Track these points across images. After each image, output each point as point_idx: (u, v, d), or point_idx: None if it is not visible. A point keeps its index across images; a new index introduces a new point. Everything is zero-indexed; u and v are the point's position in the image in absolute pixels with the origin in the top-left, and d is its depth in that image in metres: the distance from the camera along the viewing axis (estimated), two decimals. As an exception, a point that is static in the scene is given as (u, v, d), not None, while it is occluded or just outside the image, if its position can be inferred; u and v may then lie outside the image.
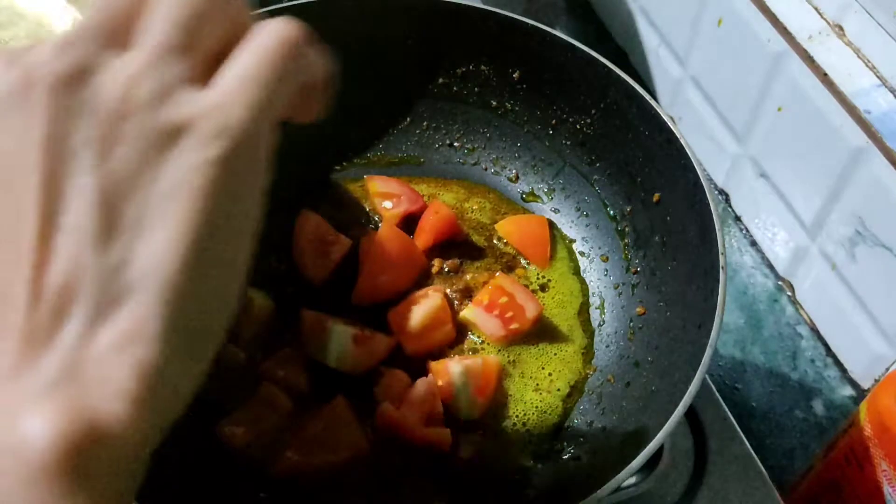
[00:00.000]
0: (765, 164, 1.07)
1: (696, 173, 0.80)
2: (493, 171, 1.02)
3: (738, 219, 1.16)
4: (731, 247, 1.15)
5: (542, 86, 0.96)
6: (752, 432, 1.08)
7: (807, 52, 0.94)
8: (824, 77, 0.92)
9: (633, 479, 0.87)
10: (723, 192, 1.17)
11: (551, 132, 0.98)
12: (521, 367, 0.87)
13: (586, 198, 0.97)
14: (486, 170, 1.02)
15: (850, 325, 0.98)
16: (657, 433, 0.67)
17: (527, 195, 1.01)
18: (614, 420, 0.80)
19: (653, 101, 0.85)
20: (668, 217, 0.85)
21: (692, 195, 0.80)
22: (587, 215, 0.97)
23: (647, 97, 0.85)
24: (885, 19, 0.91)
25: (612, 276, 0.93)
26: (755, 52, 1.02)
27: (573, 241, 0.97)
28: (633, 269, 0.90)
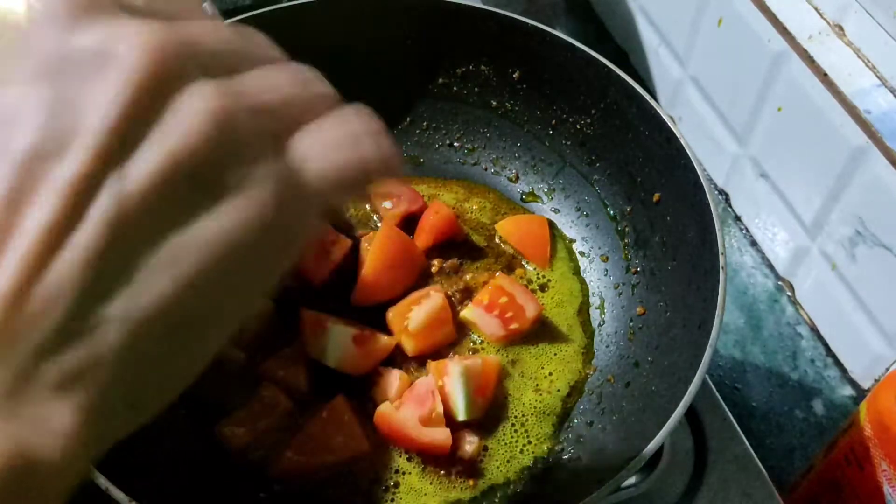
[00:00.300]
0: (765, 164, 1.07)
1: (696, 173, 0.80)
2: (493, 171, 1.02)
3: (738, 219, 1.16)
4: (731, 247, 1.15)
5: (542, 86, 0.96)
6: (752, 432, 1.08)
7: (807, 52, 0.94)
8: (824, 77, 0.92)
9: (633, 479, 0.87)
10: (723, 192, 1.17)
11: (551, 132, 0.98)
12: (521, 366, 0.87)
13: (586, 198, 0.97)
14: (486, 170, 1.02)
15: (850, 325, 0.98)
16: (657, 433, 0.68)
17: (527, 195, 1.01)
18: (614, 420, 0.80)
19: (653, 101, 0.85)
20: (668, 217, 0.85)
21: (692, 195, 0.80)
22: (587, 215, 0.97)
23: (647, 97, 0.85)
24: (885, 19, 0.91)
25: (612, 276, 0.93)
26: (755, 52, 1.02)
27: (573, 241, 0.97)
28: (633, 269, 0.90)
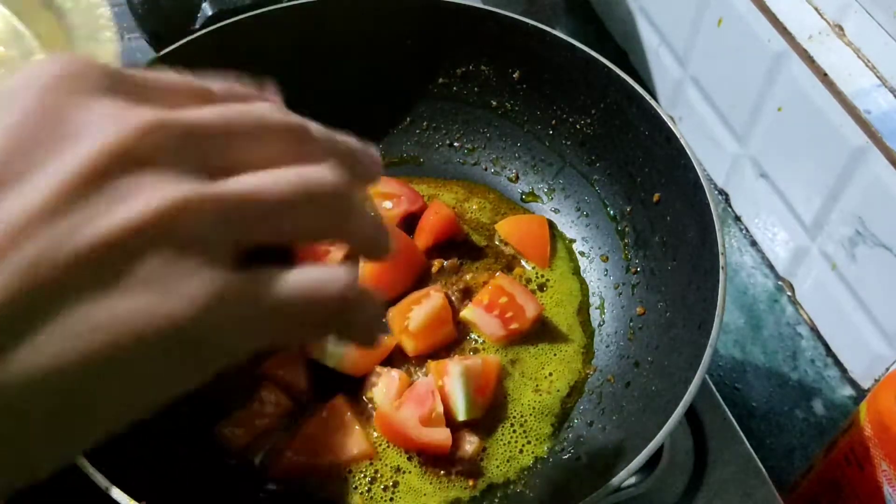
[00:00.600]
0: (765, 164, 1.07)
1: (696, 173, 0.80)
2: (493, 171, 1.02)
3: (738, 219, 1.16)
4: (731, 247, 1.15)
5: (542, 86, 0.96)
6: (752, 432, 1.08)
7: (807, 52, 0.94)
8: (824, 77, 0.92)
9: (633, 479, 0.87)
10: (723, 192, 1.17)
11: (551, 132, 0.98)
12: (521, 366, 0.87)
13: (586, 198, 0.97)
14: (486, 170, 1.02)
15: (850, 325, 0.98)
16: (657, 433, 0.67)
17: (527, 195, 1.01)
18: (614, 420, 0.80)
19: (653, 101, 0.85)
20: (668, 217, 0.85)
21: (692, 195, 0.80)
22: (587, 215, 0.97)
23: (647, 97, 0.85)
24: (885, 19, 0.91)
25: (612, 276, 0.93)
26: (755, 52, 1.01)
27: (573, 241, 0.97)
28: (633, 269, 0.90)
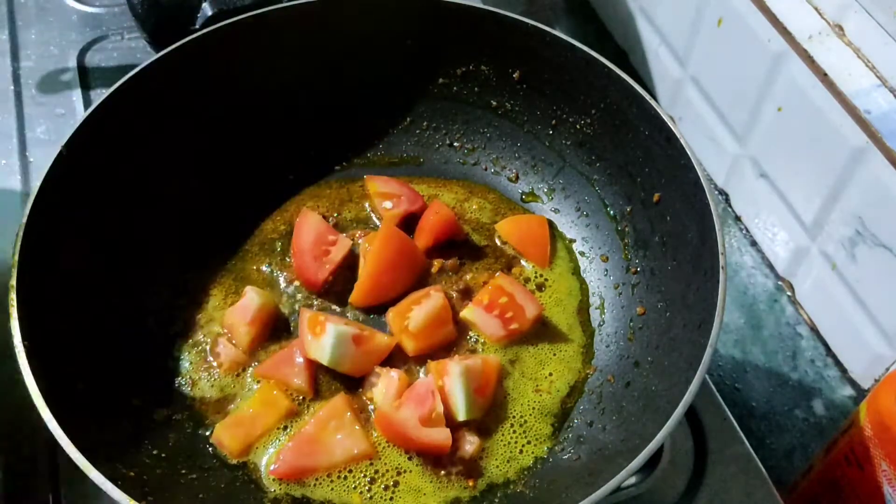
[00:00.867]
0: (765, 164, 1.07)
1: (696, 173, 0.80)
2: (493, 171, 1.02)
3: (738, 219, 1.16)
4: (731, 247, 1.15)
5: (542, 86, 0.96)
6: (752, 432, 1.08)
7: (807, 52, 0.94)
8: (824, 77, 0.92)
9: (633, 479, 0.87)
10: (723, 192, 1.17)
11: (551, 132, 0.98)
12: (521, 366, 0.87)
13: (586, 198, 0.97)
14: (486, 170, 1.02)
15: (850, 325, 0.98)
16: (657, 433, 0.67)
17: (527, 195, 1.01)
18: (614, 420, 0.80)
19: (653, 101, 0.85)
20: (668, 217, 0.85)
21: (692, 195, 0.80)
22: (587, 215, 0.97)
23: (647, 97, 0.85)
24: (885, 19, 0.91)
25: (612, 276, 0.93)
26: (755, 52, 1.02)
27: (573, 241, 0.97)
28: (633, 269, 0.90)
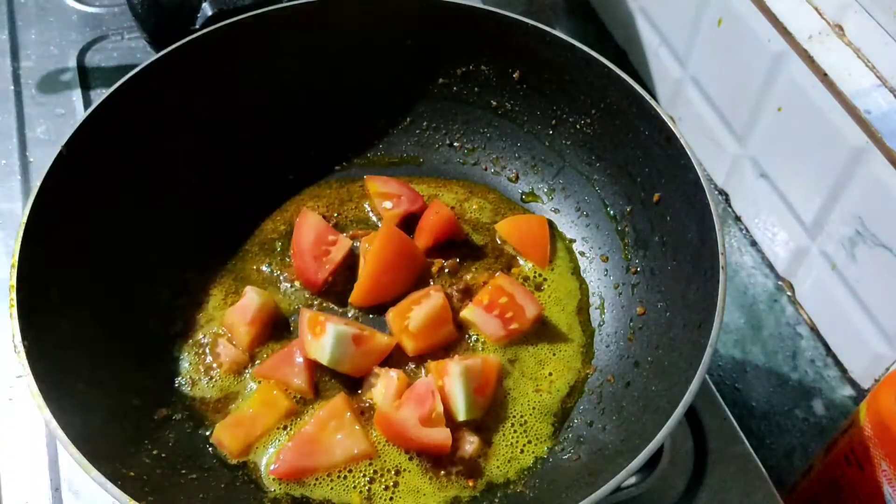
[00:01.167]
0: (765, 164, 1.07)
1: (696, 173, 0.80)
2: (493, 171, 1.02)
3: (738, 219, 1.16)
4: (731, 247, 1.15)
5: (542, 86, 0.96)
6: (752, 432, 1.08)
7: (807, 52, 0.94)
8: (824, 77, 0.92)
9: (633, 479, 0.87)
10: (723, 192, 1.17)
11: (551, 132, 0.98)
12: (521, 366, 0.87)
13: (586, 198, 0.97)
14: (486, 170, 1.02)
15: (850, 325, 0.98)
16: (657, 433, 0.67)
17: (527, 195, 1.01)
18: (614, 420, 0.80)
19: (653, 101, 0.85)
20: (668, 217, 0.85)
21: (692, 195, 0.80)
22: (587, 215, 0.97)
23: (647, 97, 0.85)
24: (885, 19, 0.91)
25: (612, 276, 0.93)
26: (755, 52, 1.02)
27: (573, 241, 0.97)
28: (633, 269, 0.90)
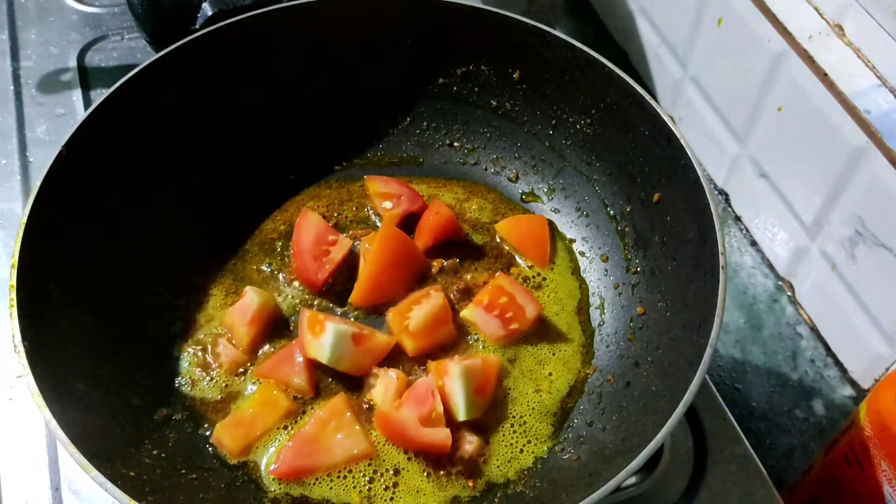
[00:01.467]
0: (765, 164, 1.07)
1: (696, 173, 0.80)
2: (493, 171, 1.02)
3: (738, 219, 1.16)
4: (731, 247, 1.15)
5: (542, 86, 0.96)
6: (752, 432, 1.08)
7: (807, 52, 0.94)
8: (824, 77, 0.92)
9: (633, 479, 0.87)
10: (723, 192, 1.17)
11: (551, 132, 0.98)
12: (521, 366, 0.87)
13: (586, 198, 0.97)
14: (486, 170, 1.02)
15: (850, 325, 0.98)
16: (657, 433, 0.67)
17: (527, 195, 1.01)
18: (614, 420, 0.80)
19: (653, 101, 0.85)
20: (668, 217, 0.85)
21: (692, 195, 0.80)
22: (587, 215, 0.97)
23: (647, 97, 0.85)
24: (885, 19, 0.91)
25: (612, 276, 0.93)
26: (755, 52, 1.02)
27: (573, 241, 0.97)
28: (633, 269, 0.90)
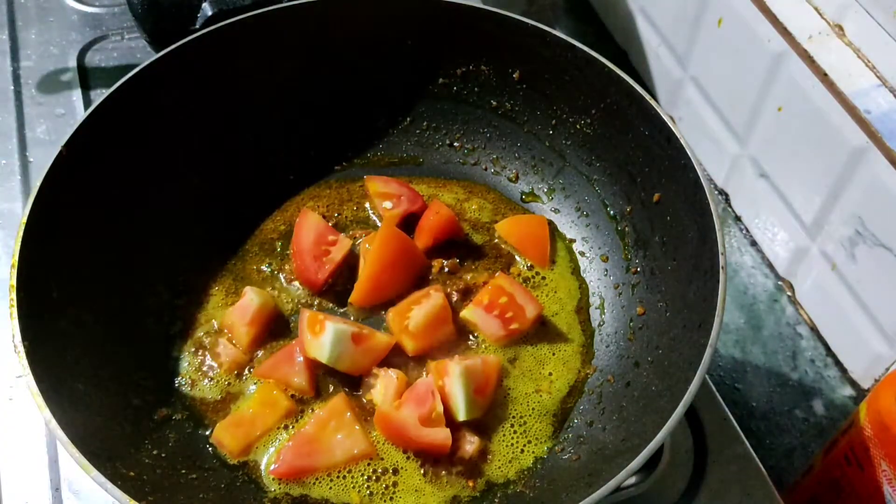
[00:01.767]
0: (765, 164, 1.07)
1: (696, 173, 0.80)
2: (493, 171, 1.02)
3: (738, 219, 1.16)
4: (731, 247, 1.15)
5: (542, 86, 0.96)
6: (752, 432, 1.08)
7: (807, 52, 0.94)
8: (824, 77, 0.92)
9: (633, 479, 0.87)
10: (723, 192, 1.17)
11: (551, 132, 0.98)
12: (521, 366, 0.87)
13: (586, 198, 0.97)
14: (486, 170, 1.02)
15: (850, 325, 0.98)
16: (657, 433, 0.67)
17: (527, 195, 1.01)
18: (614, 420, 0.80)
19: (653, 101, 0.85)
20: (668, 217, 0.85)
21: (692, 195, 0.80)
22: (587, 215, 0.97)
23: (647, 97, 0.85)
24: (884, 19, 0.91)
25: (612, 276, 0.93)
26: (755, 52, 1.02)
27: (573, 241, 0.97)
28: (633, 269, 0.90)
